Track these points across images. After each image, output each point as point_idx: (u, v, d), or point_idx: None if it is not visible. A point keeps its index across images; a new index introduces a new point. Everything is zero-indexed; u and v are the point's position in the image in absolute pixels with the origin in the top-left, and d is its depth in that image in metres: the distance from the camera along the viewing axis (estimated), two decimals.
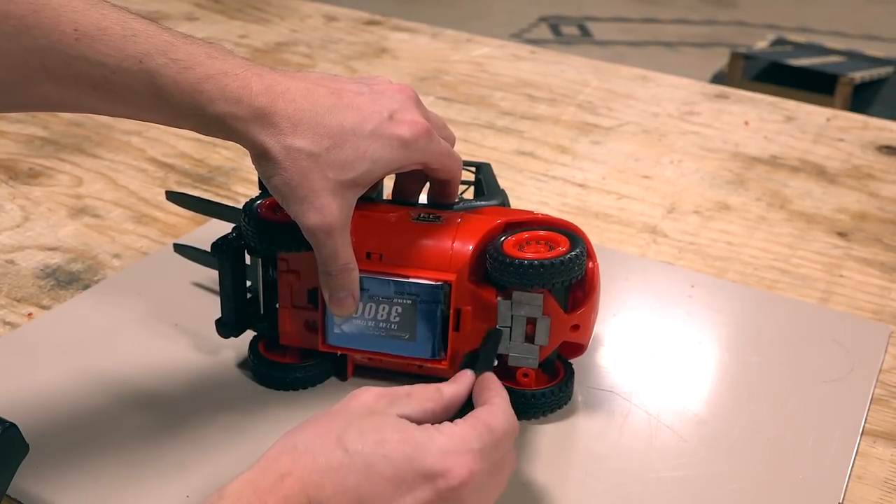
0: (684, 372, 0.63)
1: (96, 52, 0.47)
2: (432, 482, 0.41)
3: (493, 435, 0.43)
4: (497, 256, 0.53)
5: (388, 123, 0.52)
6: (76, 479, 0.52)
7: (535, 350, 0.56)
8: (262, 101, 0.49)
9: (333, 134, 0.50)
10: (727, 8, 4.02)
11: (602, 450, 0.56)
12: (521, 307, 0.54)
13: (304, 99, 0.50)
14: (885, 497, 0.54)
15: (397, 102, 0.53)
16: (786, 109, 1.07)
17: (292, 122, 0.49)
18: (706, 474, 0.54)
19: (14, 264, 0.72)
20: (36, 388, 0.58)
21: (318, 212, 0.50)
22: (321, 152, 0.50)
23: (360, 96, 0.52)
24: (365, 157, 0.51)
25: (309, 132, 0.50)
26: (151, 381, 0.59)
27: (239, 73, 0.49)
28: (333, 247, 0.51)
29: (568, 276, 0.53)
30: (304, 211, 0.50)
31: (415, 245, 0.55)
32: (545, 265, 0.52)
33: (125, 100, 0.48)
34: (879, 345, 0.66)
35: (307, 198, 0.50)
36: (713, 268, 0.76)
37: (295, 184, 0.50)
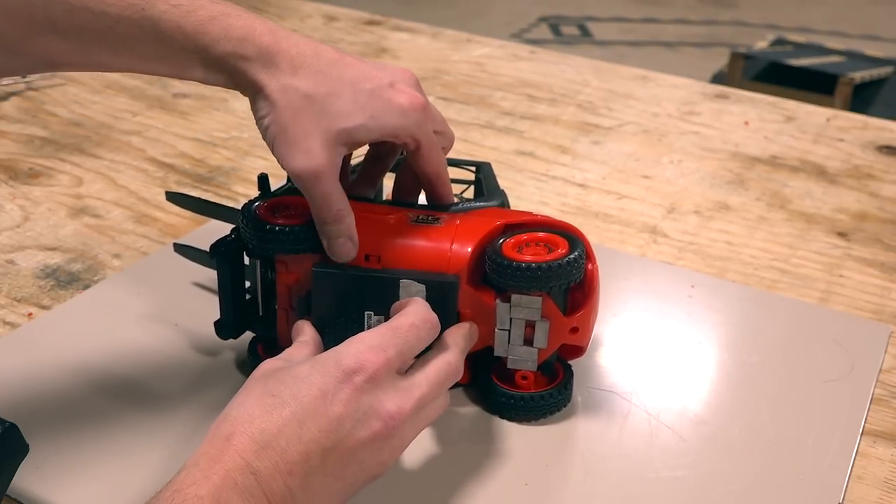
0: (684, 372, 0.63)
1: (99, 2, 0.47)
2: (351, 380, 0.45)
3: (397, 330, 0.48)
4: (496, 259, 0.53)
5: (388, 89, 0.52)
6: (76, 479, 0.52)
7: (534, 353, 0.55)
8: (266, 40, 0.49)
9: (333, 82, 0.50)
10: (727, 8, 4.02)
11: (602, 450, 0.56)
12: (519, 310, 0.54)
13: (307, 45, 0.50)
14: (885, 497, 0.54)
15: (398, 76, 0.53)
16: (786, 109, 1.07)
17: (293, 63, 0.49)
18: (706, 474, 0.54)
19: (14, 264, 0.72)
20: (36, 388, 0.58)
21: (306, 154, 0.49)
22: (318, 96, 0.49)
23: (361, 62, 0.52)
24: (362, 111, 0.50)
25: (309, 76, 0.49)
26: (151, 381, 0.59)
27: (241, 15, 0.49)
28: (324, 192, 0.51)
29: (566, 278, 0.53)
30: (293, 154, 0.50)
31: (413, 247, 0.55)
32: (543, 268, 0.52)
33: (130, 49, 0.48)
34: (879, 345, 0.66)
35: (296, 140, 0.49)
36: (713, 268, 0.76)
37: (286, 124, 0.49)
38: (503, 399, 0.57)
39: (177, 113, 0.99)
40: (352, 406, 0.44)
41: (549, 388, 0.57)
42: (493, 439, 0.56)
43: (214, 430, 0.44)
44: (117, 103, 1.01)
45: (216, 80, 0.50)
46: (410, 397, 0.47)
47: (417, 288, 0.53)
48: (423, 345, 0.49)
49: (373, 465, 0.46)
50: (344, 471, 0.45)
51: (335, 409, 0.44)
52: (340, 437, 0.44)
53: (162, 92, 1.04)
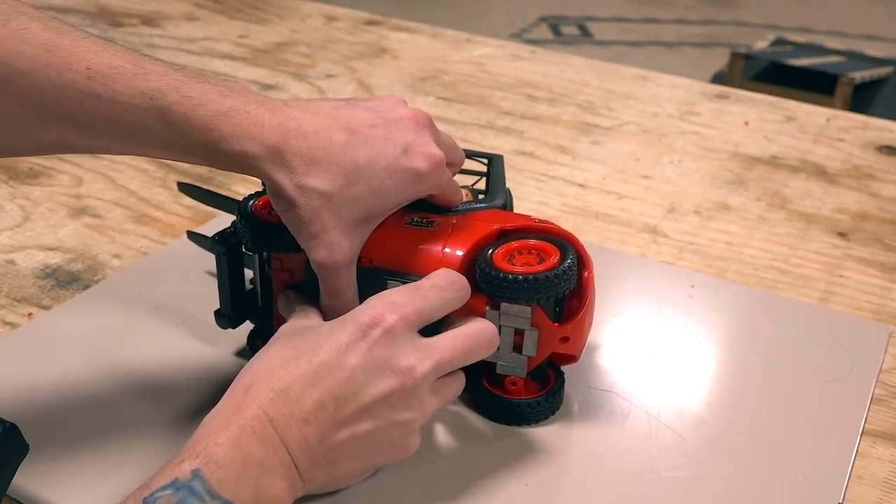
0: (684, 372, 0.63)
1: (108, 90, 0.47)
2: (367, 334, 0.47)
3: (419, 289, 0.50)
4: (485, 269, 0.53)
5: (403, 157, 0.51)
6: (76, 479, 0.52)
7: (523, 360, 0.55)
8: (275, 138, 0.49)
9: (347, 172, 0.50)
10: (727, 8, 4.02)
11: (602, 450, 0.56)
12: (508, 318, 0.53)
13: (316, 136, 0.50)
14: (885, 497, 0.54)
15: (412, 133, 0.53)
16: (786, 109, 1.07)
17: (305, 160, 0.49)
18: (706, 474, 0.54)
19: (14, 264, 0.72)
20: (36, 388, 0.58)
21: (328, 249, 0.50)
22: (335, 191, 0.49)
23: (374, 129, 0.51)
24: (378, 192, 0.51)
25: (322, 171, 0.49)
26: (151, 381, 0.59)
27: (251, 111, 0.49)
28: (337, 283, 0.52)
29: (555, 290, 0.52)
30: (314, 246, 0.51)
31: (406, 250, 0.55)
32: (530, 280, 0.51)
33: (139, 138, 0.49)
34: (879, 345, 0.66)
35: (318, 235, 0.50)
36: (713, 268, 0.76)
37: (307, 221, 0.50)
38: (492, 403, 0.57)
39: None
40: (366, 358, 0.47)
41: (538, 396, 0.57)
42: (492, 439, 0.56)
43: (235, 382, 0.47)
44: None
45: (230, 170, 0.51)
46: (428, 357, 0.48)
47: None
48: (449, 307, 0.51)
49: (393, 430, 0.48)
50: (362, 428, 0.47)
51: (349, 361, 0.47)
52: (354, 389, 0.46)
53: None
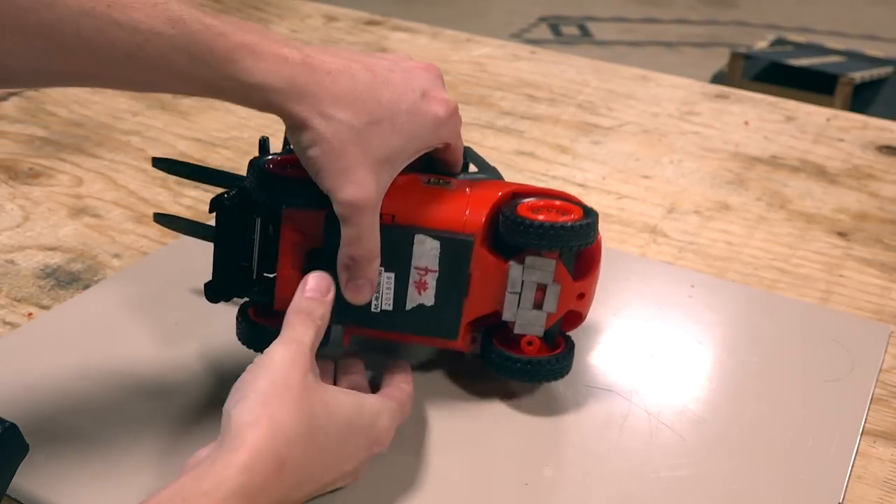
0: (684, 371, 0.63)
1: (129, 18, 0.45)
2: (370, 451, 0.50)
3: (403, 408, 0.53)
4: (513, 218, 0.53)
5: (422, 101, 0.51)
6: (76, 479, 0.52)
7: (543, 317, 0.55)
8: (300, 71, 0.48)
9: (371, 110, 0.49)
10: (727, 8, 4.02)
11: (602, 449, 0.56)
12: (532, 272, 0.54)
13: (340, 73, 0.49)
14: (885, 497, 0.54)
15: (427, 81, 0.53)
16: (786, 109, 1.07)
17: (332, 94, 0.48)
18: (706, 474, 0.54)
19: (14, 264, 0.72)
20: (36, 388, 0.58)
21: (357, 185, 0.49)
22: (361, 126, 0.49)
23: (392, 73, 0.51)
24: (401, 134, 0.50)
25: (349, 106, 0.49)
26: (151, 381, 0.59)
27: (273, 45, 0.48)
28: (363, 227, 0.50)
29: (581, 241, 0.53)
30: (342, 184, 0.49)
31: (428, 206, 0.54)
32: (563, 227, 0.52)
33: (159, 69, 0.47)
34: (879, 345, 0.66)
35: (346, 171, 0.49)
36: (713, 268, 0.76)
37: (335, 156, 0.48)
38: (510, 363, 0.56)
39: (177, 113, 0.99)
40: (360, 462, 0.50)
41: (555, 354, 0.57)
42: (493, 439, 0.56)
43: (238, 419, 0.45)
44: (117, 103, 1.01)
45: (250, 105, 0.49)
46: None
47: (432, 244, 0.53)
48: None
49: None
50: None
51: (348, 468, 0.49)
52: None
53: None
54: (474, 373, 0.61)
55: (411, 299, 0.55)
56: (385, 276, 0.54)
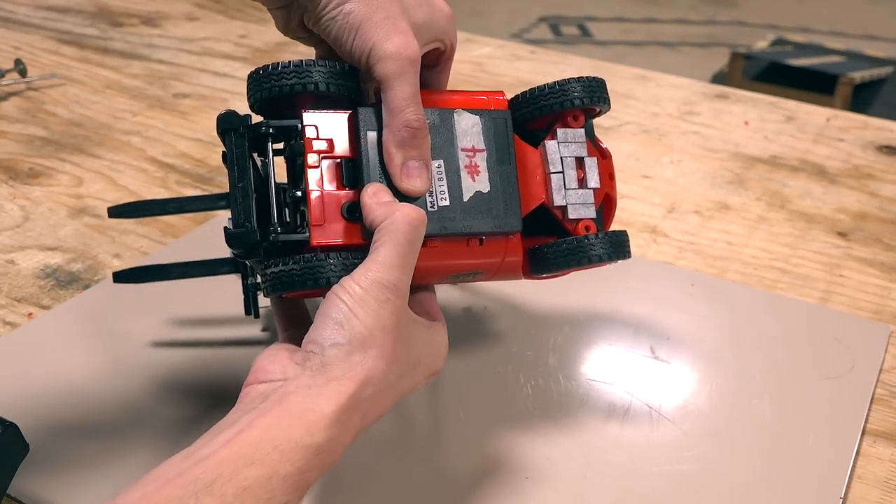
0: (685, 368, 0.63)
1: None
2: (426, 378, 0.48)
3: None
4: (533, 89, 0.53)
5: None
6: (76, 479, 0.52)
7: (590, 195, 0.54)
8: None
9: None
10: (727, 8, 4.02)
11: (603, 443, 0.56)
12: (567, 146, 0.53)
13: None
14: (885, 497, 0.54)
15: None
16: (786, 109, 1.07)
17: None
18: (707, 469, 0.54)
19: (14, 264, 0.72)
20: (36, 388, 0.58)
21: (403, 35, 0.45)
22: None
23: None
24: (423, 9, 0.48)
25: None
26: (151, 380, 0.59)
27: None
28: (415, 85, 0.45)
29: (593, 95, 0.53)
30: (389, 34, 0.45)
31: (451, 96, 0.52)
32: (573, 80, 0.53)
33: None
34: (879, 344, 0.66)
35: (388, 20, 0.45)
36: (713, 268, 0.76)
37: (376, 4, 0.45)
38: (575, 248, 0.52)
39: (177, 113, 0.99)
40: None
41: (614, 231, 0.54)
42: (494, 433, 0.56)
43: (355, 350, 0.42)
44: (117, 103, 1.01)
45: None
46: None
47: (473, 120, 0.50)
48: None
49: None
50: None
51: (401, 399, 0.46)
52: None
53: (162, 92, 1.04)
54: (475, 367, 0.61)
55: (467, 188, 0.49)
56: (434, 165, 0.48)
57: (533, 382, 0.60)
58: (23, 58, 1.06)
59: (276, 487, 0.38)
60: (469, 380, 0.60)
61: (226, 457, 0.38)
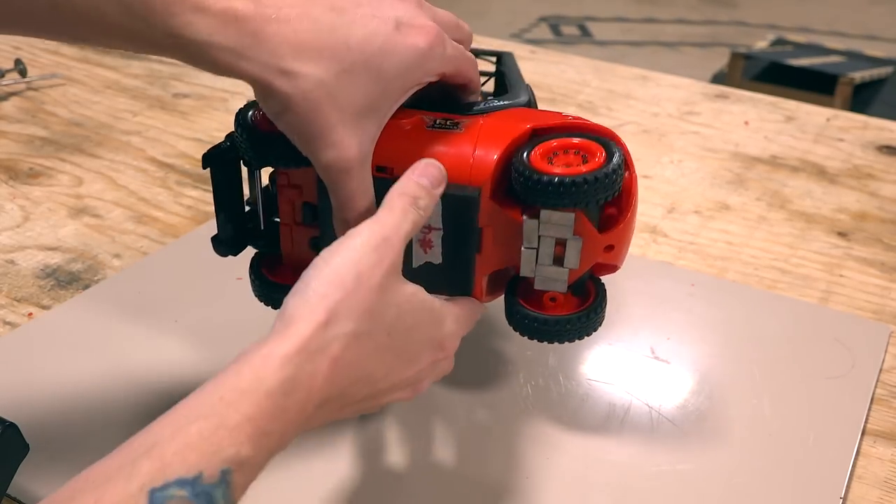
0: (685, 367, 0.63)
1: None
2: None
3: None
4: (523, 171, 0.46)
5: (397, 34, 0.45)
6: None
7: (564, 273, 0.49)
8: (251, 26, 0.42)
9: (340, 57, 0.44)
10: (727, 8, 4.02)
11: (603, 442, 0.56)
12: (549, 227, 0.48)
13: (300, 19, 0.43)
14: (885, 497, 0.54)
15: (402, 8, 0.46)
16: (786, 109, 1.07)
17: (292, 46, 0.43)
18: (707, 468, 0.54)
19: (14, 264, 0.72)
20: (36, 388, 0.58)
21: (336, 147, 0.44)
22: (330, 78, 0.43)
23: (359, 7, 0.45)
24: (378, 77, 0.45)
25: (313, 57, 0.43)
26: (151, 380, 0.59)
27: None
28: (351, 189, 0.46)
29: (603, 193, 0.46)
30: (320, 148, 0.44)
31: (432, 156, 0.48)
32: (577, 182, 0.45)
33: (90, 21, 0.42)
34: (880, 345, 0.66)
35: (322, 133, 0.44)
36: (713, 268, 0.76)
37: (307, 118, 0.44)
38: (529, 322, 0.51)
39: (177, 113, 0.99)
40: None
41: (580, 311, 0.51)
42: (494, 432, 0.56)
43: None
44: (117, 103, 1.01)
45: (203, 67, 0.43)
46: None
47: None
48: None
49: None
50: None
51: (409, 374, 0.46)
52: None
53: (162, 92, 1.04)
54: (475, 365, 0.61)
55: (417, 257, 0.50)
56: None
57: (533, 382, 0.60)
58: (23, 58, 1.06)
59: (223, 438, 0.36)
60: (469, 380, 0.60)
61: (168, 420, 0.37)
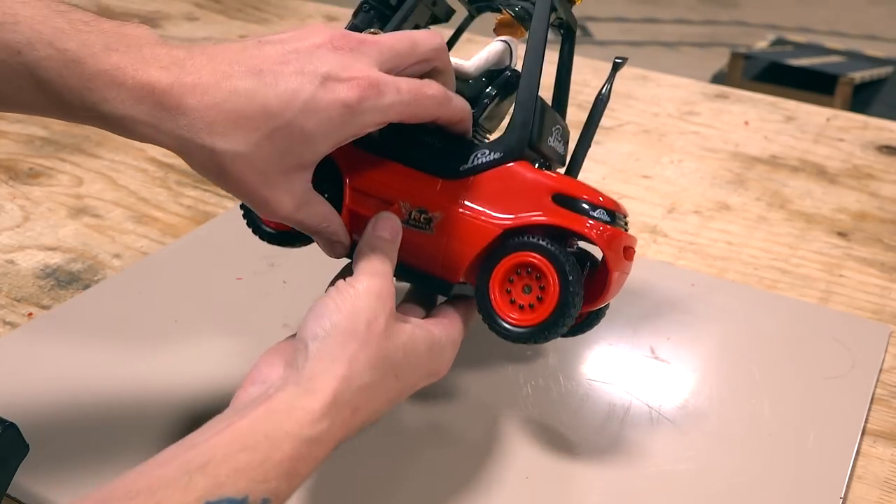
0: (685, 367, 0.63)
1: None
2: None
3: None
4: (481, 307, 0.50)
5: (322, 90, 0.44)
6: (76, 479, 0.52)
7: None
8: (168, 99, 0.43)
9: (259, 125, 0.43)
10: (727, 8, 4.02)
11: (603, 443, 0.56)
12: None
13: (218, 88, 0.43)
14: (885, 497, 0.54)
15: (331, 61, 0.45)
16: (786, 109, 1.07)
17: (207, 121, 0.43)
18: (707, 469, 0.54)
19: (14, 264, 0.72)
20: (36, 388, 0.58)
21: (267, 205, 0.46)
22: (249, 150, 0.43)
23: (284, 66, 0.44)
24: (302, 139, 0.44)
25: (229, 129, 0.43)
26: (151, 380, 0.59)
27: (139, 69, 0.42)
28: (300, 222, 0.48)
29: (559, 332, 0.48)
30: (254, 205, 0.46)
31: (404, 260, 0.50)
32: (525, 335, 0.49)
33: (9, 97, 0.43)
34: (879, 344, 0.66)
35: (249, 195, 0.45)
36: (713, 268, 0.76)
37: (232, 184, 0.45)
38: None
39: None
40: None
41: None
42: (494, 433, 0.56)
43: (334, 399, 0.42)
44: None
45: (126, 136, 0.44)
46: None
47: None
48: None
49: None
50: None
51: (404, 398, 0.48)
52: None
53: None
54: (474, 367, 0.61)
55: None
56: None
57: (533, 382, 0.60)
58: None
59: (268, 471, 0.38)
60: (469, 380, 0.60)
61: (218, 442, 0.39)
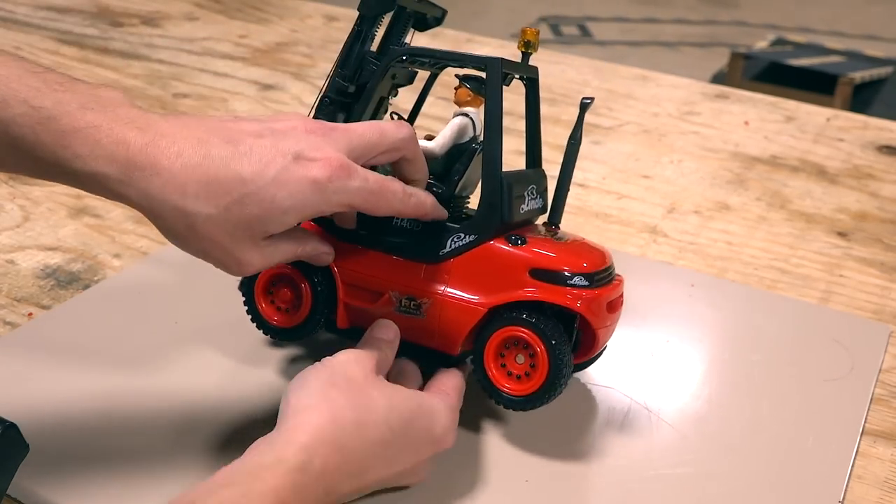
0: (684, 370, 0.63)
1: None
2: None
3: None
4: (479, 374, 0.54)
5: (294, 165, 0.45)
6: (76, 479, 0.52)
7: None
8: (142, 159, 0.43)
9: (230, 189, 0.44)
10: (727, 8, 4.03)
11: (602, 446, 0.56)
12: None
13: (193, 152, 0.44)
14: (885, 497, 0.54)
15: (304, 142, 0.46)
16: (786, 109, 1.07)
17: (179, 182, 0.43)
18: (706, 472, 0.54)
19: (14, 264, 0.72)
20: (36, 388, 0.58)
21: (239, 265, 0.47)
22: (219, 213, 0.44)
23: (259, 139, 0.46)
24: (272, 208, 0.45)
25: (202, 192, 0.44)
26: (151, 380, 0.59)
27: (114, 128, 0.43)
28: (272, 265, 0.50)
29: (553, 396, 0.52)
30: (226, 267, 0.47)
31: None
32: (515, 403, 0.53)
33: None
34: (879, 345, 0.66)
35: (221, 256, 0.46)
36: (713, 268, 0.76)
37: (203, 251, 0.46)
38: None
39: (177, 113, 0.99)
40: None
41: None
42: (493, 436, 0.56)
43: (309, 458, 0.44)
44: None
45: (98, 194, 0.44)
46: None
47: None
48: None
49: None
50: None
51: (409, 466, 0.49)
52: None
53: (162, 92, 1.04)
54: None
55: None
56: None
57: None
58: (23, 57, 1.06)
59: (252, 501, 0.40)
60: (468, 381, 0.60)
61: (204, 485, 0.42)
